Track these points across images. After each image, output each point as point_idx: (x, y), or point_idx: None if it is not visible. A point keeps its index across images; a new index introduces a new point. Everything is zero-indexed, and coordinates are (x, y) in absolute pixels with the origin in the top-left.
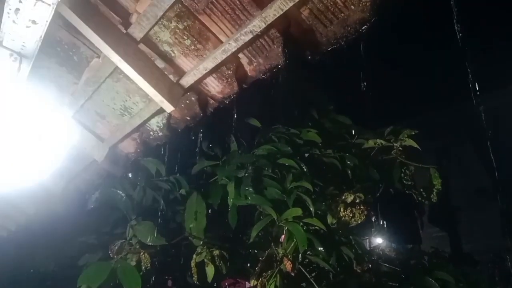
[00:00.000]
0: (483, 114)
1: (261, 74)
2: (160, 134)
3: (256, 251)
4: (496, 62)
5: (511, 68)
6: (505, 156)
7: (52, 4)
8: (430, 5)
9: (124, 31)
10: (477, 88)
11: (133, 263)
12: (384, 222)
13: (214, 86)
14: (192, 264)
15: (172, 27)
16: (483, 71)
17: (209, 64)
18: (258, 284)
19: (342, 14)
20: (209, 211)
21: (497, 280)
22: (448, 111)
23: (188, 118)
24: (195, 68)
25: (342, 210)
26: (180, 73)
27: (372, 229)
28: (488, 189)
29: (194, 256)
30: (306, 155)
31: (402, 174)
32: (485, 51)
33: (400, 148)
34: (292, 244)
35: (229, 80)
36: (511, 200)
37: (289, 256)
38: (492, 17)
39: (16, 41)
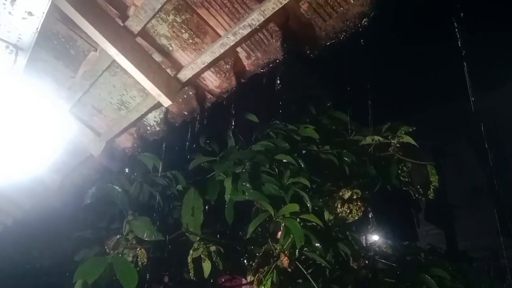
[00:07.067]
0: (480, 113)
1: (260, 69)
2: (157, 129)
3: (253, 247)
4: (495, 61)
5: (509, 66)
6: (501, 155)
7: None
8: (429, 2)
9: (122, 24)
10: (475, 87)
11: (130, 259)
12: (381, 218)
13: (212, 81)
14: (189, 260)
15: (170, 20)
16: (481, 70)
17: (207, 58)
18: (255, 280)
19: (342, 8)
20: (206, 207)
21: (492, 278)
22: (446, 109)
23: (186, 113)
24: (192, 62)
25: (339, 206)
26: (178, 67)
27: (369, 226)
28: (485, 187)
29: (191, 251)
30: (304, 151)
31: (399, 171)
32: (484, 49)
33: (398, 145)
34: (289, 240)
35: (227, 74)
36: (507, 198)
37: (286, 252)
38: (491, 15)
39: (12, 33)
